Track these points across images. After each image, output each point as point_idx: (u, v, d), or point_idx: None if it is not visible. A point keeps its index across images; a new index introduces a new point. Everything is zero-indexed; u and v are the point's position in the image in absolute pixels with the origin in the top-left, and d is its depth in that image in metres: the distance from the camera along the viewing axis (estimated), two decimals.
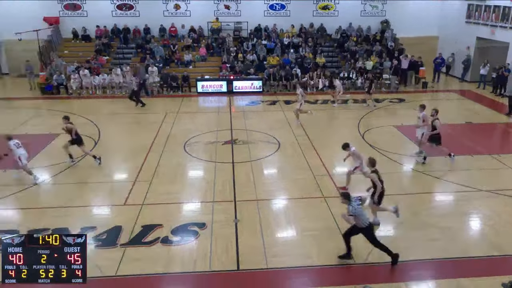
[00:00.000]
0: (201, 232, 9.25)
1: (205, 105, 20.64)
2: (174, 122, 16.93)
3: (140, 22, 25.58)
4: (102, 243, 8.87)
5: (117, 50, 24.82)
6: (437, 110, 12.41)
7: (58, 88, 21.57)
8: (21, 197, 10.90)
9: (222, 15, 25.97)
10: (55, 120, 16.42)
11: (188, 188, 11.41)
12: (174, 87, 21.89)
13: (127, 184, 11.56)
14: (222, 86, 21.78)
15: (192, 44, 24.87)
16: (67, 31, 25.66)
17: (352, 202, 7.95)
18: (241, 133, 15.69)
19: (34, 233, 9.06)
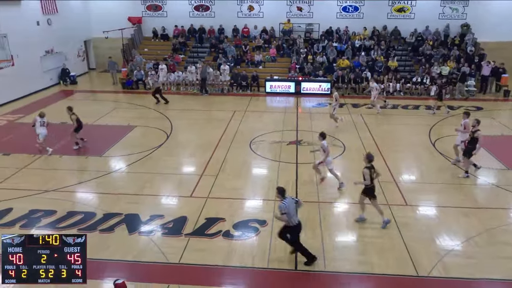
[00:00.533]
0: (261, 229, 9.34)
1: (273, 105, 20.76)
2: (242, 120, 17.23)
3: (215, 22, 26.36)
4: (168, 231, 9.28)
5: (192, 49, 25.79)
6: (479, 121, 11.68)
7: (137, 83, 22.89)
8: (100, 183, 11.73)
9: (294, 16, 25.96)
10: (133, 113, 17.48)
11: (252, 185, 11.56)
12: (243, 86, 22.29)
13: (194, 177, 11.98)
14: (290, 87, 21.79)
15: (263, 44, 25.14)
16: (148, 30, 27.17)
17: (285, 199, 7.75)
18: (306, 134, 15.59)
19: (109, 216, 9.76)
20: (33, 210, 10.11)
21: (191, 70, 22.30)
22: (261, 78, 22.37)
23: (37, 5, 22.02)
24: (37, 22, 22.07)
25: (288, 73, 23.03)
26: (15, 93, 20.14)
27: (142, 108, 19.19)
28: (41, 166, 12.76)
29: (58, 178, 11.94)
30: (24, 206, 10.30)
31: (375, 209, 9.48)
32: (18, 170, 12.42)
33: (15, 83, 19.62)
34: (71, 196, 10.91)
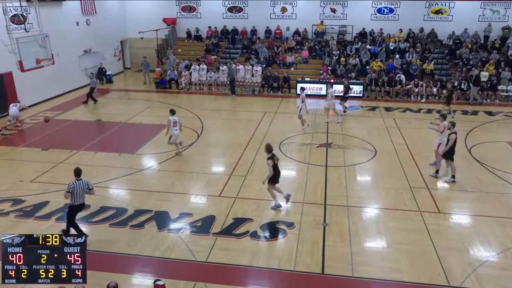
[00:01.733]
0: (289, 231, 9.31)
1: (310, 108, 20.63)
2: (272, 122, 17.23)
3: (248, 24, 26.49)
4: (196, 229, 9.40)
5: (224, 50, 26.02)
6: (454, 124, 11.75)
7: (170, 83, 23.30)
8: (132, 179, 12.01)
9: (328, 18, 25.74)
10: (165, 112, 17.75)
11: (280, 187, 11.50)
12: (274, 88, 22.29)
13: (223, 177, 12.08)
14: (321, 89, 21.62)
15: (295, 46, 25.06)
16: (182, 31, 27.62)
17: (76, 181, 8.43)
18: (336, 137, 15.42)
19: (139, 212, 9.98)
20: (68, 204, 10.45)
21: (223, 70, 22.49)
22: (292, 80, 22.31)
23: (77, 6, 22.81)
24: (77, 22, 22.87)
25: (319, 75, 22.85)
26: (55, 90, 20.96)
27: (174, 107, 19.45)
28: (77, 161, 13.19)
29: (92, 173, 12.30)
30: (60, 199, 10.65)
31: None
32: (55, 165, 12.90)
33: (54, 81, 20.40)
34: (104, 191, 11.23)
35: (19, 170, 12.47)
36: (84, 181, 8.65)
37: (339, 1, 25.43)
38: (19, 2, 15.76)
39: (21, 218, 9.78)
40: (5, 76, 17.67)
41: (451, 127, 11.66)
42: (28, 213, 10.08)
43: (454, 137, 11.46)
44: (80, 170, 8.70)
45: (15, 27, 15.69)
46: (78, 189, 8.52)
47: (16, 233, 9.13)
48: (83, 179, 8.66)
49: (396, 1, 24.93)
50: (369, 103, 20.28)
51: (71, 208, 8.71)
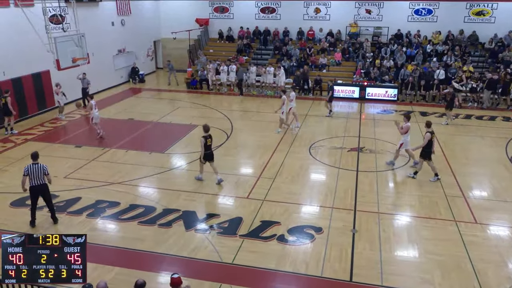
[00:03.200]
0: (317, 236, 9.23)
1: (335, 110, 20.44)
2: (302, 124, 17.15)
3: (280, 24, 26.50)
4: (223, 230, 9.47)
5: (256, 51, 26.12)
6: (430, 123, 11.95)
7: (201, 83, 23.61)
8: (161, 178, 12.24)
9: (362, 19, 25.40)
10: (195, 113, 18.06)
11: (309, 191, 11.47)
12: (305, 90, 22.18)
13: (251, 179, 12.12)
14: (354, 91, 21.35)
15: (328, 48, 24.87)
16: (214, 32, 27.94)
17: (31, 165, 9.10)
18: (369, 141, 15.19)
19: (168, 212, 10.15)
20: (99, 200, 10.79)
21: (251, 71, 22.54)
22: (324, 82, 22.12)
23: (113, 6, 23.49)
24: (112, 22, 23.55)
25: (353, 77, 22.58)
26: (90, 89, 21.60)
27: (204, 108, 19.76)
28: (109, 159, 13.58)
29: (123, 171, 12.63)
30: (91, 196, 11.03)
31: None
32: (88, 162, 13.31)
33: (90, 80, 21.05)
34: (134, 189, 11.49)
35: (54, 166, 12.93)
36: (40, 164, 9.31)
37: (375, 2, 25.04)
38: (58, 2, 16.41)
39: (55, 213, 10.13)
40: (43, 74, 18.41)
41: (426, 126, 11.87)
42: (61, 208, 10.44)
43: (428, 136, 11.60)
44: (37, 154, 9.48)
45: (54, 26, 16.33)
46: (34, 171, 9.21)
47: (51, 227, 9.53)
48: (39, 163, 9.34)
49: (435, 1, 24.30)
50: (404, 107, 19.86)
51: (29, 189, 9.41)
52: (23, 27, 15.58)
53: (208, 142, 11.46)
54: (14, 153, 13.71)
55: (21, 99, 17.32)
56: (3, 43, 16.21)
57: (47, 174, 9.30)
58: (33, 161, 9.30)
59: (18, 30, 16.36)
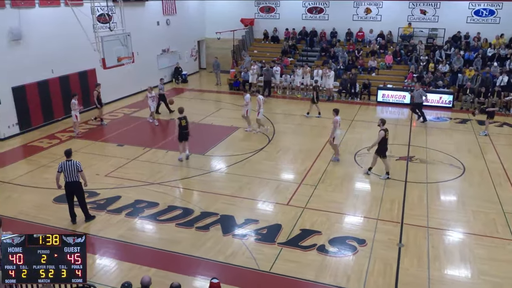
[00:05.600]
0: (360, 248, 9.04)
1: (383, 116, 19.98)
2: (348, 130, 16.89)
3: (328, 25, 26.27)
4: (261, 237, 9.47)
5: (302, 53, 26.03)
6: (384, 121, 12.38)
7: (244, 84, 23.81)
8: (200, 180, 12.44)
9: (416, 20, 24.68)
10: (237, 114, 18.20)
11: (353, 200, 11.26)
12: (352, 94, 21.84)
13: (292, 185, 12.05)
14: (405, 97, 20.78)
15: (378, 50, 24.37)
16: (259, 32, 28.13)
17: (65, 161, 9.55)
18: (419, 150, 14.71)
19: (205, 215, 10.29)
20: (138, 200, 11.12)
21: (297, 73, 22.47)
22: (373, 86, 21.69)
23: (158, 6, 24.22)
24: (157, 22, 24.28)
25: (404, 81, 21.97)
26: (133, 88, 22.39)
27: None
28: (149, 159, 13.97)
29: (163, 172, 12.95)
30: (131, 195, 11.38)
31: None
32: (129, 161, 13.76)
33: (133, 79, 21.81)
34: (173, 190, 11.75)
35: (96, 164, 13.48)
36: (73, 161, 9.64)
37: (430, 2, 24.27)
38: (106, 2, 17.12)
39: (95, 210, 10.54)
40: (89, 73, 19.27)
41: (381, 123, 12.32)
42: (101, 206, 10.85)
43: (382, 133, 12.12)
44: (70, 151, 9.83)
45: (101, 26, 17.05)
46: (68, 168, 9.56)
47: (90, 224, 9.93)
48: (73, 160, 9.68)
49: (497, 1, 23.20)
50: (459, 115, 19.09)
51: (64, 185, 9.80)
52: (71, 26, 16.33)
53: (182, 123, 13.32)
54: (59, 149, 14.39)
55: (67, 97, 18.16)
56: (53, 42, 17.12)
57: (80, 171, 9.65)
58: (67, 158, 9.67)
59: (66, 29, 17.21)
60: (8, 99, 15.74)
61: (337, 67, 23.24)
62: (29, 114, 16.64)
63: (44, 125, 17.24)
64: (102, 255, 8.91)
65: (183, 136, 13.53)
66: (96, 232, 9.72)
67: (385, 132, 12.18)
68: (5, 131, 15.82)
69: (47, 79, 17.24)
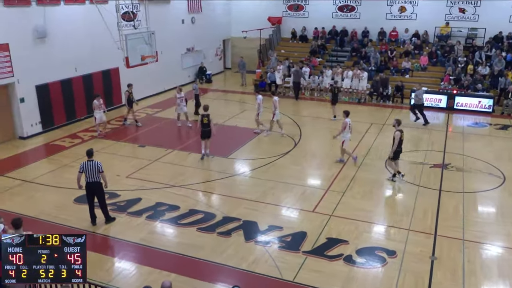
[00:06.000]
0: (389, 260, 8.89)
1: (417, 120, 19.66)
2: (379, 135, 16.67)
3: (360, 24, 26.03)
4: (285, 245, 9.43)
5: (331, 53, 25.88)
6: (399, 122, 12.43)
7: (270, 85, 23.82)
8: (223, 184, 12.51)
9: (454, 19, 24.18)
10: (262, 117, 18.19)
11: (383, 209, 11.10)
12: (384, 96, 21.54)
13: (318, 191, 11.97)
14: (441, 100, 20.37)
15: (413, 50, 23.98)
16: (287, 31, 28.13)
17: (87, 161, 9.80)
18: (455, 157, 14.37)
19: (228, 220, 10.32)
20: (159, 203, 11.26)
21: (326, 74, 22.32)
22: (406, 89, 21.33)
23: (184, 5, 24.54)
24: (182, 20, 24.60)
25: (440, 84, 21.54)
26: (156, 88, 22.74)
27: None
28: (171, 160, 14.14)
29: (184, 174, 13.08)
30: (152, 197, 11.54)
31: None
32: (151, 163, 13.96)
33: (157, 79, 22.16)
34: (195, 194, 11.85)
35: (117, 165, 13.73)
36: (95, 161, 9.82)
37: (470, 0, 23.73)
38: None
39: (115, 212, 10.74)
40: (112, 72, 19.68)
41: (396, 124, 12.34)
42: (122, 207, 11.04)
43: (398, 134, 12.14)
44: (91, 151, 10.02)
45: (125, 24, 17.38)
46: (89, 168, 9.76)
47: (110, 226, 10.11)
48: (94, 160, 9.86)
49: None
50: (500, 120, 18.57)
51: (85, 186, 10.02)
52: (95, 24, 16.77)
53: (204, 121, 13.62)
54: (81, 149, 14.73)
55: (90, 95, 18.57)
56: (77, 40, 17.57)
57: (101, 172, 9.82)
58: (88, 158, 9.88)
59: (91, 27, 17.66)
60: (31, 98, 16.23)
61: (368, 68, 23.00)
62: (52, 113, 17.12)
63: (66, 124, 17.70)
64: (122, 258, 9.06)
65: (204, 134, 13.89)
66: (116, 234, 9.90)
67: (400, 133, 12.21)
68: (28, 130, 16.31)
69: (71, 77, 17.70)
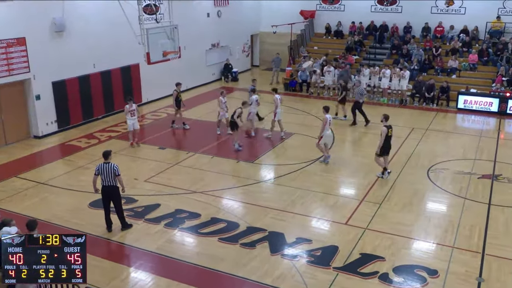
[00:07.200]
0: (430, 280, 8.72)
1: (464, 125, 19.22)
2: (421, 140, 16.40)
3: (402, 19, 25.72)
4: (315, 260, 9.37)
5: (369, 50, 25.65)
6: (387, 116, 13.05)
7: (301, 85, 23.77)
8: (248, 191, 12.54)
9: (508, 14, 23.60)
10: (292, 119, 18.24)
11: (424, 223, 10.90)
12: (428, 98, 21.18)
13: (352, 202, 11.87)
14: (492, 104, 19.91)
15: (460, 48, 23.52)
16: (321, 26, 28.07)
17: (103, 163, 9.99)
18: (507, 167, 14.00)
19: (252, 230, 10.34)
20: (178, 209, 11.38)
21: (364, 73, 22.08)
22: (453, 90, 20.94)
23: None
24: (208, 14, 24.86)
25: (491, 86, 21.05)
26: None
27: (303, 114, 19.86)
28: (193, 164, 14.27)
29: (206, 179, 13.18)
30: (171, 204, 11.67)
31: None
32: (171, 166, 14.13)
33: (179, 76, 22.34)
34: (217, 201, 11.92)
35: (135, 168, 13.97)
36: (111, 164, 9.99)
37: None
38: None
39: (132, 218, 10.91)
40: (133, 68, 20.05)
41: (384, 119, 13.02)
42: (139, 214, 11.21)
43: (385, 130, 12.78)
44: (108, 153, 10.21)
45: (147, 17, 17.70)
46: (104, 170, 9.93)
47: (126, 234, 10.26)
48: (111, 162, 10.02)
49: None
50: None
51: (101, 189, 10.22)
52: (115, 17, 17.13)
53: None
54: (97, 150, 15.04)
55: (108, 93, 18.99)
56: (96, 34, 17.98)
57: (118, 175, 9.98)
58: (105, 160, 10.08)
59: (110, 20, 18.06)
60: (47, 95, 16.70)
61: (410, 67, 22.67)
62: (68, 111, 17.57)
63: (83, 123, 18.12)
64: (138, 268, 9.19)
65: (231, 125, 15.15)
66: (132, 242, 10.05)
67: (387, 129, 12.81)
68: (43, 129, 16.79)
69: (89, 73, 18.12)
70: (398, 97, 21.68)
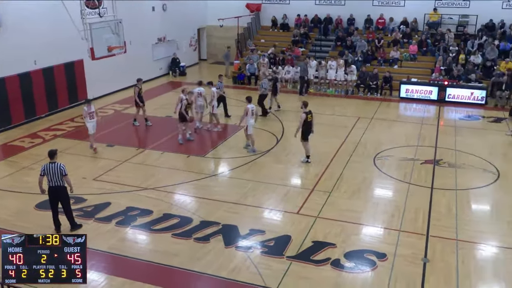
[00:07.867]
0: (379, 263, 9.01)
1: (407, 114, 19.92)
2: (367, 129, 16.86)
3: (345, 11, 26.25)
4: (268, 250, 9.46)
5: (314, 42, 26.02)
6: (306, 103, 13.59)
7: (249, 78, 23.81)
8: (200, 186, 12.46)
9: (444, 6, 24.62)
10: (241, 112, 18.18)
11: (372, 209, 11.23)
12: (372, 89, 21.79)
13: (303, 192, 12.05)
14: (431, 92, 20.73)
15: (401, 39, 24.31)
16: (267, 19, 28.17)
17: (48, 164, 9.64)
18: (447, 153, 14.65)
19: (205, 224, 10.31)
20: (130, 207, 11.16)
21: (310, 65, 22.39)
22: (395, 80, 21.64)
23: None
24: (153, 7, 24.37)
25: (430, 75, 21.90)
26: (125, 81, 22.42)
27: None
28: (143, 161, 14.02)
29: (157, 175, 12.99)
30: (122, 202, 11.42)
31: None
32: (120, 163, 13.82)
33: (125, 71, 21.88)
34: (169, 196, 11.78)
35: (83, 166, 13.55)
36: (57, 163, 9.66)
37: None
38: None
39: (81, 218, 10.59)
40: (76, 64, 19.38)
41: (303, 106, 13.50)
42: (89, 213, 10.90)
43: (303, 116, 13.22)
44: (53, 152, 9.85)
45: (89, 11, 17.11)
46: (51, 170, 9.59)
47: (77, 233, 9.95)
48: (57, 162, 9.70)
49: None
50: (493, 113, 18.99)
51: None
52: (56, 12, 16.46)
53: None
54: (42, 149, 14.47)
55: (51, 91, 18.28)
56: (35, 30, 17.19)
57: (65, 175, 9.67)
58: (50, 159, 9.73)
59: (51, 15, 17.34)
60: None
61: (354, 58, 23.22)
62: (9, 110, 16.77)
63: (25, 122, 17.36)
64: (90, 269, 8.90)
65: (180, 117, 15.00)
66: None
67: (306, 115, 13.24)
68: None
69: (29, 71, 17.35)
70: (344, 88, 22.17)
